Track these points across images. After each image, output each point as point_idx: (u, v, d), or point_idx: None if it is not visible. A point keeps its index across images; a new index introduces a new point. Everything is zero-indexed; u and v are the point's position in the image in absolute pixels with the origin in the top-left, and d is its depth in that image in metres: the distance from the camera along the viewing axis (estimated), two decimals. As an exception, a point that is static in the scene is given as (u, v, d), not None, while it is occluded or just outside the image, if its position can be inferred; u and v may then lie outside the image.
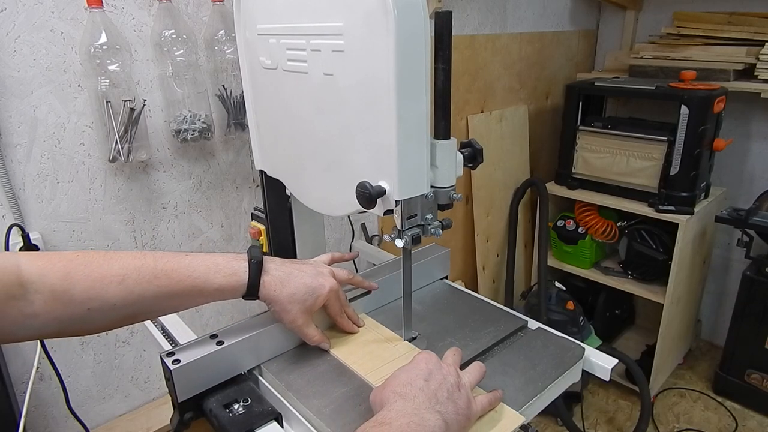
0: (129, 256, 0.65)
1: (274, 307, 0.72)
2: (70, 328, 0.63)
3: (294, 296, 0.71)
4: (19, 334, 0.60)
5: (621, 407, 2.07)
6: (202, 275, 0.67)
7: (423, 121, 0.63)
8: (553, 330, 0.83)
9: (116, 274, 0.63)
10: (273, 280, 0.71)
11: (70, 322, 0.62)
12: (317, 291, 0.73)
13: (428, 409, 0.57)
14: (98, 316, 0.63)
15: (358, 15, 0.61)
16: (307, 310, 0.73)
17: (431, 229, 0.70)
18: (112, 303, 0.62)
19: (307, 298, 0.72)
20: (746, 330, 1.92)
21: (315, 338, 0.76)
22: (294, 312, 0.72)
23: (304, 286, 0.72)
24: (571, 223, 2.11)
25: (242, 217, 1.37)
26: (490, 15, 1.89)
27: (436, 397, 0.59)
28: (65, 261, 0.62)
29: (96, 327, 0.65)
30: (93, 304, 0.61)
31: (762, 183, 2.07)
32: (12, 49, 0.96)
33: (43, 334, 0.63)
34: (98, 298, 0.62)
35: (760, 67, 1.78)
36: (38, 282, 0.59)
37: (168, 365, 0.67)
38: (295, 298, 0.71)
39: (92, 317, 0.62)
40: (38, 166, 1.03)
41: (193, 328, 0.83)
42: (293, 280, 0.72)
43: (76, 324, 0.62)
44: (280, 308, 0.72)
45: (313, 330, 0.75)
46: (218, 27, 1.15)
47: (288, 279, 0.72)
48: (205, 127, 1.16)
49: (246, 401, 0.69)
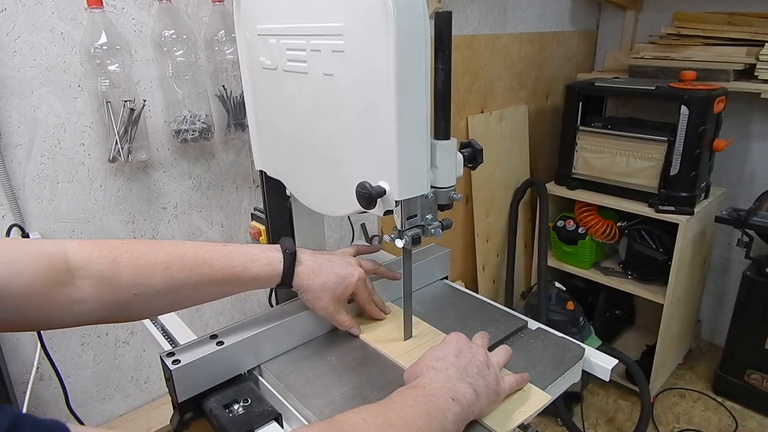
0: (171, 245, 0.68)
1: (306, 295, 0.76)
2: (116, 314, 0.65)
3: (325, 285, 0.75)
4: (67, 320, 0.62)
5: (621, 407, 2.07)
6: (240, 264, 0.70)
7: (423, 122, 0.63)
8: (553, 330, 0.83)
9: (161, 261, 0.65)
10: (306, 270, 0.74)
11: (116, 307, 0.64)
12: (347, 280, 0.77)
13: (460, 379, 0.61)
14: (143, 301, 0.65)
15: (358, 15, 0.61)
16: (337, 298, 0.77)
17: (431, 229, 0.70)
18: (156, 289, 0.65)
19: (338, 287, 0.76)
20: (746, 330, 1.92)
21: (346, 323, 0.79)
22: (326, 300, 0.76)
23: (335, 276, 0.76)
24: (571, 224, 2.11)
25: (242, 217, 1.37)
26: (490, 15, 1.89)
27: (467, 370, 0.62)
28: (111, 248, 0.64)
29: (140, 313, 0.68)
30: (138, 290, 0.64)
31: (762, 183, 2.07)
32: (12, 50, 0.96)
33: (90, 320, 0.64)
34: (143, 284, 0.64)
35: (760, 67, 1.78)
36: (85, 268, 0.61)
37: (168, 365, 0.67)
38: (326, 287, 0.75)
39: (138, 303, 0.65)
40: (38, 166, 1.04)
41: (193, 328, 0.83)
42: (324, 270, 0.76)
43: (121, 309, 0.65)
44: (313, 296, 0.75)
45: (344, 316, 0.79)
46: (218, 27, 1.15)
47: (319, 269, 0.75)
48: (205, 127, 1.16)
49: (246, 401, 0.69)
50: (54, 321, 0.61)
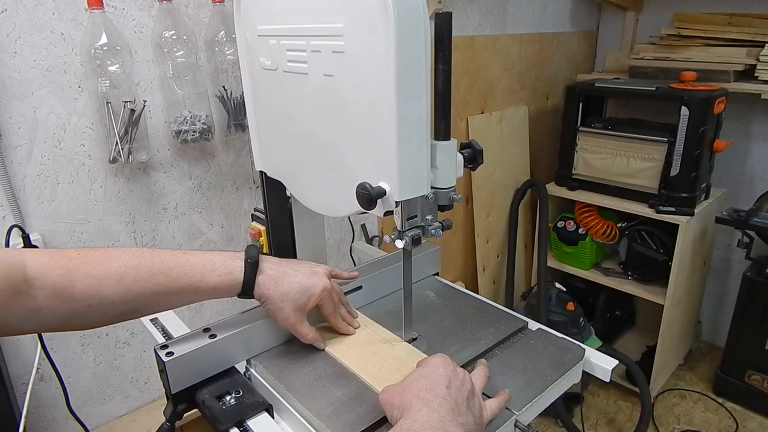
0: (128, 254, 0.67)
1: (268, 305, 0.73)
2: (70, 323, 0.65)
3: (287, 295, 0.73)
4: (24, 327, 0.62)
5: (621, 408, 2.07)
6: (198, 274, 0.68)
7: (423, 122, 0.63)
8: (554, 331, 0.83)
9: (115, 272, 0.64)
10: (267, 279, 0.72)
11: (70, 317, 0.64)
12: (310, 290, 0.74)
13: (452, 421, 0.57)
14: (97, 312, 0.64)
15: (358, 16, 0.61)
16: (299, 309, 0.74)
17: (431, 230, 0.70)
18: (110, 300, 0.64)
19: (300, 297, 0.73)
20: (746, 331, 1.92)
21: (308, 336, 0.77)
22: (287, 310, 0.73)
23: (298, 285, 0.73)
24: (572, 224, 2.11)
25: (242, 217, 1.37)
26: (490, 16, 1.89)
27: (458, 406, 0.59)
28: (66, 259, 0.63)
29: (95, 322, 0.67)
30: (92, 301, 0.63)
31: (762, 184, 2.07)
32: (12, 51, 0.96)
33: (45, 328, 0.65)
34: (97, 295, 0.63)
35: (761, 68, 1.78)
36: (41, 279, 0.61)
37: (161, 357, 0.68)
38: (287, 297, 0.73)
39: (91, 313, 0.64)
40: (38, 167, 1.04)
41: (193, 328, 0.83)
42: (287, 279, 0.73)
43: (75, 319, 0.64)
44: (273, 306, 0.73)
45: (306, 328, 0.76)
46: (218, 28, 1.15)
47: (282, 278, 0.73)
48: (205, 128, 1.16)
49: (238, 393, 0.71)
50: (11, 328, 0.62)
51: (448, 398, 0.59)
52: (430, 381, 0.61)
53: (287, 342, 0.81)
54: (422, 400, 0.58)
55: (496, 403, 0.65)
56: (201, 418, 0.70)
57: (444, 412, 0.57)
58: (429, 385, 0.60)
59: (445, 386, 0.60)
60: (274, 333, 0.79)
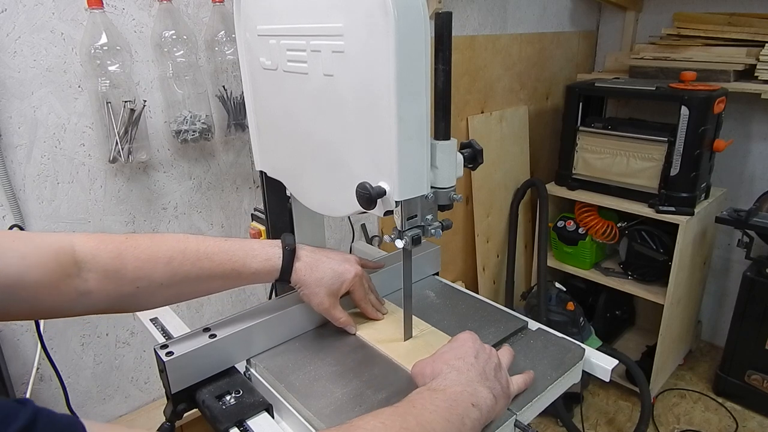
0: (173, 239, 0.70)
1: (303, 290, 0.77)
2: (120, 305, 0.67)
3: (321, 280, 0.76)
4: (74, 309, 0.64)
5: (621, 408, 2.07)
6: (240, 259, 0.72)
7: (423, 122, 0.63)
8: (554, 331, 0.83)
9: (163, 255, 0.67)
10: (303, 265, 0.76)
11: (120, 299, 0.66)
12: (343, 276, 0.78)
13: (480, 383, 0.61)
14: (146, 293, 0.67)
15: (358, 16, 0.61)
16: (333, 294, 0.78)
17: (431, 229, 0.70)
18: (159, 282, 0.67)
19: (334, 282, 0.77)
20: (747, 331, 1.92)
21: (341, 320, 0.80)
22: (321, 295, 0.77)
23: (331, 271, 0.77)
24: (572, 224, 2.11)
25: (242, 217, 1.37)
26: (490, 16, 1.89)
27: (485, 373, 0.63)
28: (116, 243, 0.66)
29: (142, 305, 0.70)
30: (142, 282, 0.66)
31: (762, 184, 2.07)
32: (12, 50, 0.96)
33: (95, 310, 0.66)
34: (146, 277, 0.66)
35: (761, 68, 1.78)
36: (91, 261, 0.63)
37: (161, 357, 0.68)
38: (322, 282, 0.76)
39: (141, 295, 0.67)
40: (38, 166, 1.04)
41: (194, 328, 0.83)
42: (321, 266, 0.77)
43: (125, 301, 0.67)
44: (309, 291, 0.76)
45: (339, 312, 0.79)
46: (218, 28, 1.15)
47: (317, 264, 0.77)
48: (205, 127, 1.16)
49: (238, 393, 0.71)
50: (63, 311, 0.63)
51: (476, 365, 0.63)
52: (459, 352, 0.65)
53: (287, 342, 0.81)
54: (452, 366, 0.63)
55: (522, 379, 0.68)
56: (201, 417, 0.70)
57: (472, 375, 0.62)
58: (458, 354, 0.64)
59: (473, 356, 0.64)
60: (274, 333, 0.79)
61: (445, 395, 0.58)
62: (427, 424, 0.54)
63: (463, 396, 0.58)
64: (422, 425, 0.53)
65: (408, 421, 0.53)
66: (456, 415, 0.56)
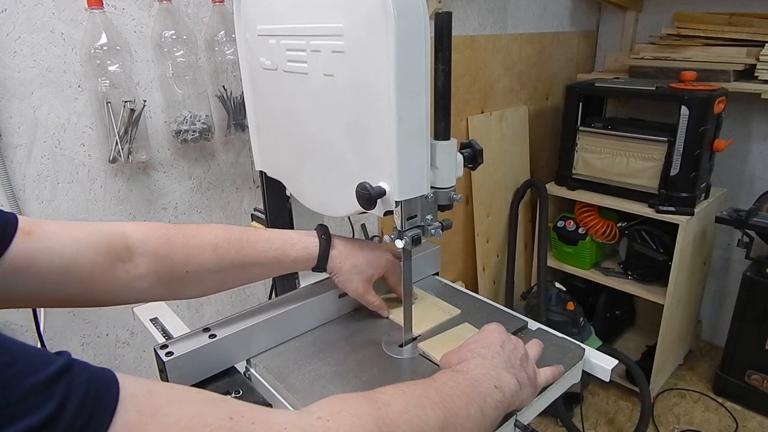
0: (218, 228, 0.73)
1: (338, 277, 0.80)
2: (171, 290, 0.70)
3: (356, 267, 0.80)
4: (126, 295, 0.67)
5: (621, 408, 2.07)
6: (280, 248, 0.75)
7: (423, 122, 0.63)
8: (553, 330, 0.83)
9: (209, 243, 0.70)
10: (338, 253, 0.79)
11: (171, 283, 0.69)
12: (376, 262, 0.82)
13: (504, 369, 0.62)
14: (195, 279, 0.70)
15: (358, 16, 0.61)
16: (367, 280, 0.81)
17: (431, 229, 0.70)
18: (207, 268, 0.70)
19: (368, 269, 0.81)
20: (746, 331, 1.92)
21: (375, 304, 0.84)
22: (355, 281, 0.80)
23: (365, 258, 0.81)
24: (571, 224, 2.11)
25: (242, 217, 1.37)
26: (490, 16, 1.89)
27: (511, 361, 0.64)
28: (165, 230, 0.69)
29: (193, 290, 0.72)
30: (191, 267, 0.69)
31: (762, 184, 2.07)
32: (12, 50, 0.96)
33: (148, 296, 0.70)
34: (195, 262, 0.69)
35: (761, 67, 1.78)
36: (142, 247, 0.66)
37: (161, 357, 0.68)
38: (356, 269, 0.80)
39: (190, 280, 0.70)
40: (38, 166, 1.04)
41: (193, 328, 0.83)
42: (355, 253, 0.80)
43: (176, 285, 0.69)
44: (343, 278, 0.80)
45: (372, 296, 0.83)
46: (218, 28, 1.15)
47: (351, 252, 0.80)
48: (205, 127, 1.16)
49: (238, 393, 0.71)
50: (115, 297, 0.66)
51: (501, 354, 0.64)
52: (485, 341, 0.66)
53: (287, 342, 0.81)
54: (476, 353, 0.64)
55: (551, 371, 0.69)
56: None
57: (497, 362, 0.63)
58: (484, 343, 0.66)
59: (499, 345, 0.66)
60: (274, 333, 0.79)
61: (468, 375, 0.59)
62: (448, 397, 0.54)
63: (486, 378, 0.59)
64: (443, 397, 0.54)
65: (428, 392, 0.54)
66: (478, 393, 0.57)
